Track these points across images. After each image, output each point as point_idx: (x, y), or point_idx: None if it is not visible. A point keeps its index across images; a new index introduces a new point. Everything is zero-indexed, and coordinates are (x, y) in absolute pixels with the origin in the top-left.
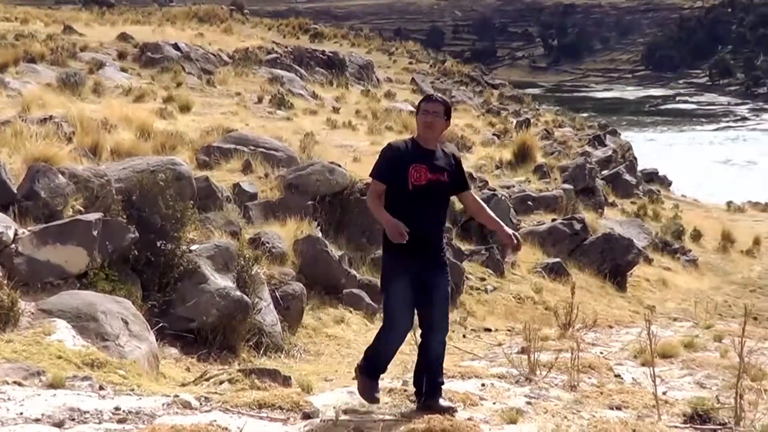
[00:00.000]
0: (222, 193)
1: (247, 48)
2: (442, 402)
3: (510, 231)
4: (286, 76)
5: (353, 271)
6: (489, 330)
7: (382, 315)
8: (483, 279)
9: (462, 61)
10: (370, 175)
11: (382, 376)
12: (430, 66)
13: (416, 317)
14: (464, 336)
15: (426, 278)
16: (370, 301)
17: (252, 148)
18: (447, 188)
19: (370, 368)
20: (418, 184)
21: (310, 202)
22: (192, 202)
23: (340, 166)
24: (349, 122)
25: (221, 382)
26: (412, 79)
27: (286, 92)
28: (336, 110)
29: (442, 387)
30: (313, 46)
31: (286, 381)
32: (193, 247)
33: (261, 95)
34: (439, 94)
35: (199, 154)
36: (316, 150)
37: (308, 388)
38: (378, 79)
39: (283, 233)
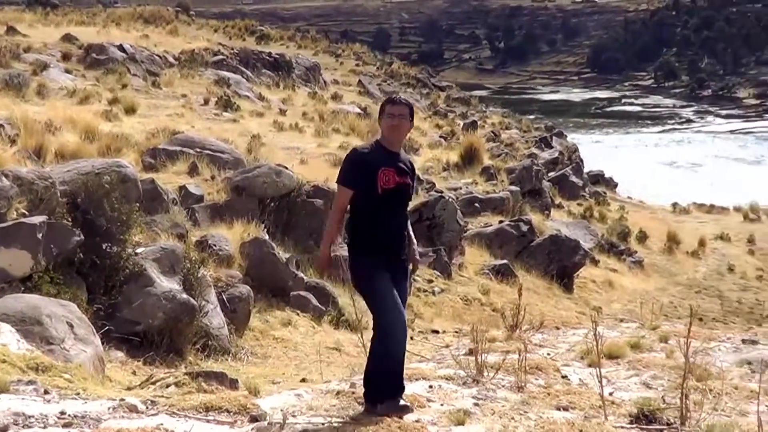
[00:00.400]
0: (168, 195)
1: (193, 50)
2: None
3: (417, 256)
4: (233, 78)
5: (300, 274)
6: (436, 332)
7: (373, 323)
8: (430, 281)
9: (409, 63)
10: (338, 182)
11: (335, 380)
12: (377, 68)
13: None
14: (411, 338)
15: (394, 279)
16: (318, 304)
17: (198, 150)
18: (410, 191)
19: (383, 388)
20: (388, 188)
21: (257, 204)
22: (138, 204)
23: (287, 168)
24: (295, 124)
25: (168, 386)
26: (359, 81)
27: (233, 94)
28: (283, 112)
29: None
30: (259, 48)
31: (233, 384)
32: (139, 250)
33: (207, 97)
34: (402, 96)
35: (144, 157)
36: (262, 152)
37: (255, 390)
38: (325, 81)
39: (230, 236)
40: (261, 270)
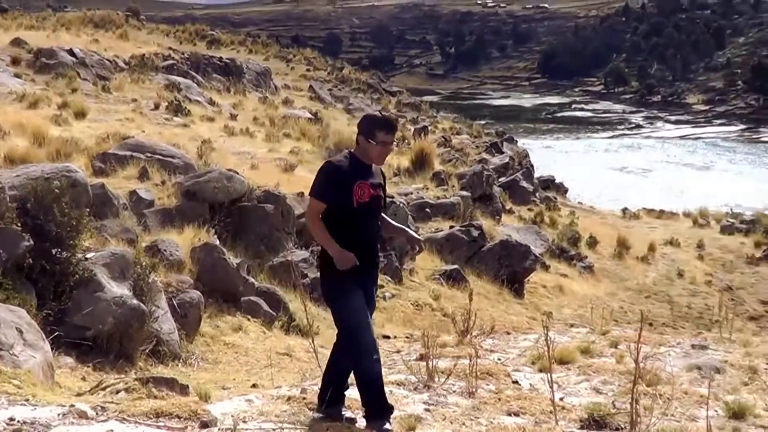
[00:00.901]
0: (118, 200)
1: (144, 54)
2: (344, 411)
3: (415, 234)
4: (183, 83)
5: (251, 279)
6: (387, 337)
7: (337, 334)
8: (381, 286)
9: (359, 68)
10: (311, 195)
11: (285, 385)
12: (328, 73)
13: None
14: None
15: (366, 292)
16: (268, 309)
17: (148, 155)
18: (382, 203)
19: (372, 403)
20: (362, 202)
21: (207, 209)
22: (88, 209)
23: (237, 173)
24: (246, 129)
25: (118, 391)
26: (310, 86)
27: (183, 99)
28: (233, 117)
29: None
30: (210, 53)
31: (183, 389)
32: (89, 255)
33: (157, 102)
34: (391, 117)
35: (95, 161)
36: (213, 157)
37: (206, 396)
38: (275, 86)
39: (181, 241)
40: (212, 275)
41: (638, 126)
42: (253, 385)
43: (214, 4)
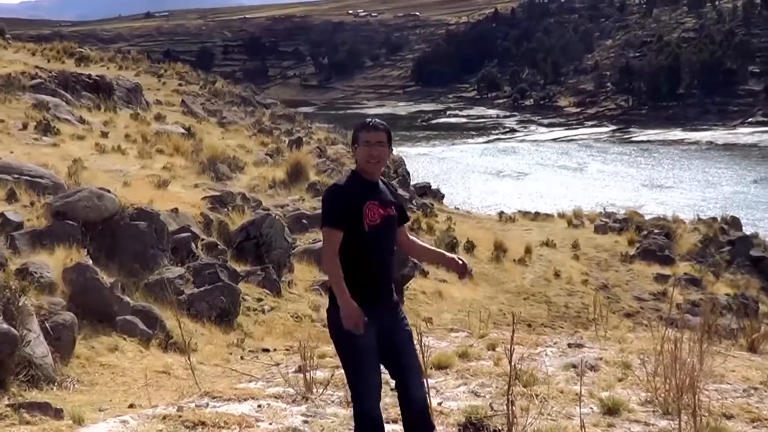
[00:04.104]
0: None
1: (10, 73)
2: None
3: (455, 256)
4: (52, 102)
5: (126, 298)
6: (267, 350)
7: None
8: (260, 299)
9: (233, 81)
10: (324, 225)
11: (162, 404)
12: (201, 87)
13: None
14: (242, 358)
15: (386, 323)
16: (145, 327)
17: (16, 176)
18: (396, 222)
19: None
20: (374, 224)
21: (79, 229)
22: None
23: (109, 191)
24: (118, 146)
25: None
26: (182, 101)
27: (52, 118)
28: (104, 135)
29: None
30: (79, 70)
31: (57, 413)
32: None
33: (26, 122)
34: (378, 120)
35: None
36: (84, 176)
37: (80, 419)
38: (147, 102)
39: (52, 262)
40: (85, 296)
41: (512, 130)
42: (130, 406)
43: (82, 21)
